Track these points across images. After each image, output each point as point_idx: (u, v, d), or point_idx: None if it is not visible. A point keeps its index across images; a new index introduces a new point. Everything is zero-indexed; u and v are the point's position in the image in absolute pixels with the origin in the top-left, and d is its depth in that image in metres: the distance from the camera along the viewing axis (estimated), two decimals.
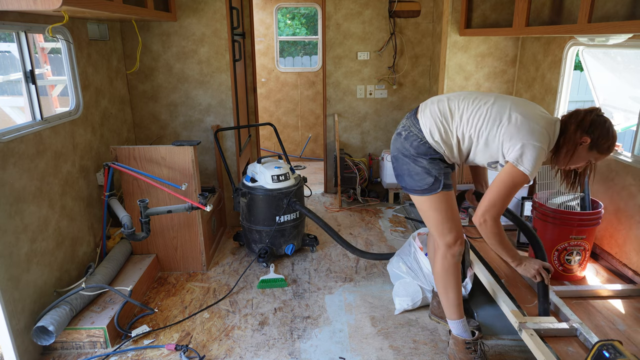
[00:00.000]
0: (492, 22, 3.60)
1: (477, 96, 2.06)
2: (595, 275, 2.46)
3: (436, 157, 2.09)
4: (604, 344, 1.63)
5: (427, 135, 2.07)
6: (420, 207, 2.18)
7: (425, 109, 2.12)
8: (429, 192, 2.08)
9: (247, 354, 2.38)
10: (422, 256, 2.58)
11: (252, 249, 3.37)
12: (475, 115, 1.99)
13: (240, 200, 3.32)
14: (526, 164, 1.85)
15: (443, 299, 2.24)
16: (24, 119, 2.99)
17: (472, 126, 2.00)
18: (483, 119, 1.97)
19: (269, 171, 3.20)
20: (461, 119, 2.03)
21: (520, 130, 1.88)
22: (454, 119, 2.04)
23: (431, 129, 2.06)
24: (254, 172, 3.30)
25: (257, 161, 3.33)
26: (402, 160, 2.14)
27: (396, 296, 2.73)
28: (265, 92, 6.20)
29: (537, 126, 1.88)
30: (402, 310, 2.68)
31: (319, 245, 3.58)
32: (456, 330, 2.23)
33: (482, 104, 2.01)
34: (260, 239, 3.28)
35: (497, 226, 1.97)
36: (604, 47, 2.99)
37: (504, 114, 1.94)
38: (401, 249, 2.83)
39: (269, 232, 3.23)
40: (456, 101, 2.07)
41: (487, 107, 1.99)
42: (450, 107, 2.06)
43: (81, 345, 2.38)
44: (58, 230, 2.53)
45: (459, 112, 2.04)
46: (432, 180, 2.07)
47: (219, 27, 3.46)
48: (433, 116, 2.07)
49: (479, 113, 1.99)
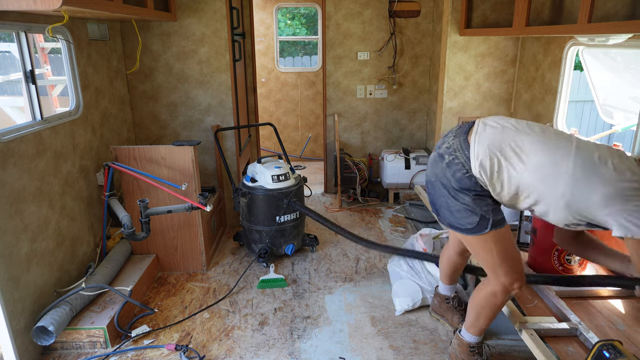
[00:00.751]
0: (492, 22, 3.60)
1: (553, 134, 1.65)
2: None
3: (483, 194, 1.72)
4: (604, 344, 1.63)
5: (474, 166, 1.69)
6: (469, 247, 1.90)
7: (480, 132, 1.71)
8: (474, 232, 1.76)
9: (247, 354, 2.38)
10: None
11: (252, 249, 3.38)
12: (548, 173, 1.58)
13: (240, 200, 3.33)
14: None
15: (471, 320, 2.04)
16: (24, 119, 2.99)
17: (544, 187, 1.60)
18: (564, 179, 1.55)
19: (269, 171, 3.20)
20: (527, 169, 1.60)
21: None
22: (515, 165, 1.63)
23: (483, 161, 1.66)
24: (254, 172, 3.30)
25: (257, 161, 3.33)
26: (440, 190, 1.80)
27: (396, 297, 2.73)
28: (265, 92, 6.20)
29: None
30: (402, 311, 2.68)
31: (319, 245, 3.58)
32: (469, 337, 2.12)
33: (558, 156, 1.58)
34: (260, 239, 3.28)
35: None
36: (604, 47, 2.99)
37: (613, 181, 1.51)
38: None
39: (269, 232, 3.23)
40: (527, 140, 1.63)
41: (567, 162, 1.57)
42: (518, 145, 1.63)
43: (81, 345, 2.38)
44: (58, 230, 2.53)
45: (527, 157, 1.61)
46: (478, 219, 1.73)
47: (219, 27, 3.46)
48: (490, 146, 1.66)
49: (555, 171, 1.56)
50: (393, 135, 4.68)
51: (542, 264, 2.44)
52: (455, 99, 3.88)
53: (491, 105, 3.90)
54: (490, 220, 1.73)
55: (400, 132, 4.66)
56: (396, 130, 4.66)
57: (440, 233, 2.75)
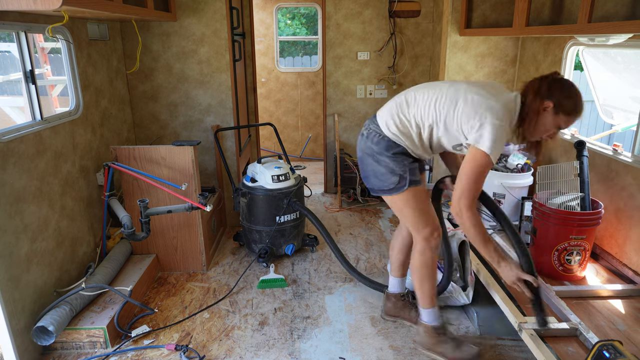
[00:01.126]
0: (492, 22, 3.60)
1: (434, 84, 2.07)
2: (595, 275, 2.46)
3: (399, 151, 2.08)
4: (604, 344, 1.63)
5: (384, 128, 2.09)
6: (393, 207, 2.22)
7: (383, 107, 2.19)
8: (396, 191, 2.10)
9: (247, 354, 2.38)
10: None
11: (252, 249, 3.38)
12: (431, 101, 1.99)
13: (240, 200, 3.32)
14: (486, 143, 1.81)
15: (419, 291, 2.27)
16: (24, 119, 2.99)
17: (430, 112, 2.00)
18: (440, 103, 1.97)
19: (269, 171, 3.20)
20: (417, 107, 2.03)
21: (477, 110, 1.85)
22: (410, 108, 2.06)
23: (387, 121, 2.09)
24: (254, 172, 3.30)
25: (257, 161, 3.33)
26: (366, 160, 2.16)
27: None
28: (265, 92, 6.20)
29: (495, 104, 1.85)
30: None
31: (319, 245, 3.58)
32: (428, 317, 2.27)
33: (437, 89, 2.01)
34: (260, 239, 3.28)
35: (473, 216, 1.89)
36: (604, 47, 2.99)
37: (459, 96, 1.92)
38: None
39: (269, 232, 3.24)
40: (412, 92, 2.09)
41: (442, 92, 1.98)
42: (406, 99, 2.08)
43: (81, 346, 2.38)
44: (58, 230, 2.53)
45: (415, 101, 2.05)
46: (397, 179, 2.08)
47: (219, 27, 3.46)
48: (389, 109, 2.12)
49: (435, 98, 1.99)
50: None
51: (542, 264, 2.44)
52: None
53: None
54: (407, 179, 2.08)
55: None
56: None
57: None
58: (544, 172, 2.56)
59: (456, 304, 2.64)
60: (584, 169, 2.46)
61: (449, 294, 2.59)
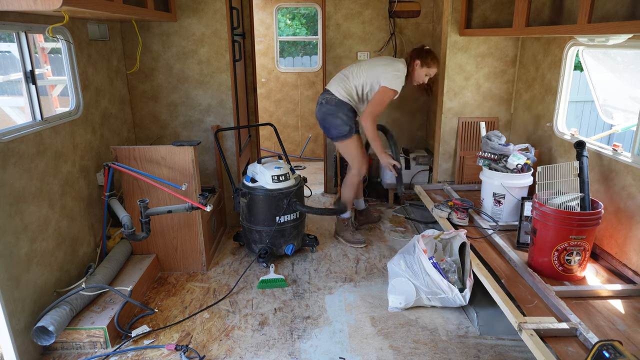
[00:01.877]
0: (492, 22, 3.61)
1: (358, 64, 3.33)
2: (595, 276, 2.47)
3: (348, 108, 3.29)
4: (604, 344, 1.63)
5: (337, 94, 3.27)
6: (342, 148, 3.43)
7: (331, 83, 3.35)
8: (347, 136, 3.30)
9: (247, 354, 2.38)
10: (424, 259, 2.59)
11: (252, 249, 3.38)
12: (361, 72, 3.25)
13: (240, 201, 3.32)
14: (394, 83, 3.15)
15: (345, 196, 3.56)
16: (24, 119, 2.99)
17: (362, 78, 3.24)
18: (366, 71, 3.24)
19: (269, 171, 3.20)
20: (354, 77, 3.27)
21: (386, 70, 3.18)
22: (349, 79, 3.28)
23: (339, 90, 3.27)
24: (254, 172, 3.30)
25: (257, 161, 3.33)
26: (328, 119, 3.30)
27: (390, 294, 2.74)
28: (265, 92, 6.20)
29: (395, 64, 3.23)
30: (394, 308, 2.70)
31: (319, 245, 3.58)
32: (345, 214, 3.60)
33: (362, 65, 3.29)
34: (261, 239, 3.28)
35: (371, 124, 3.22)
36: (604, 47, 2.99)
37: (377, 64, 3.26)
38: (405, 247, 2.84)
39: (269, 233, 3.24)
40: (347, 70, 3.33)
41: (366, 65, 3.29)
42: (345, 74, 3.32)
43: (81, 346, 2.38)
44: (58, 230, 2.53)
45: (351, 74, 3.28)
46: (348, 128, 3.28)
47: (219, 27, 3.46)
48: (337, 83, 3.31)
49: (363, 69, 3.26)
50: None
51: (542, 264, 2.45)
52: (455, 99, 3.88)
53: (491, 105, 3.90)
54: (353, 129, 3.32)
55: (400, 132, 4.65)
56: (396, 131, 4.66)
57: (440, 233, 2.76)
58: (543, 172, 2.56)
59: (452, 305, 2.64)
60: (583, 169, 2.46)
61: (444, 294, 2.60)
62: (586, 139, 2.79)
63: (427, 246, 2.69)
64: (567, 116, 3.23)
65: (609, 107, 3.83)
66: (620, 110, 3.74)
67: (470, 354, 2.34)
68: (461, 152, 3.96)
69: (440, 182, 4.08)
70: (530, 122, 3.57)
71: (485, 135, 3.33)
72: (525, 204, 2.71)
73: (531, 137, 3.55)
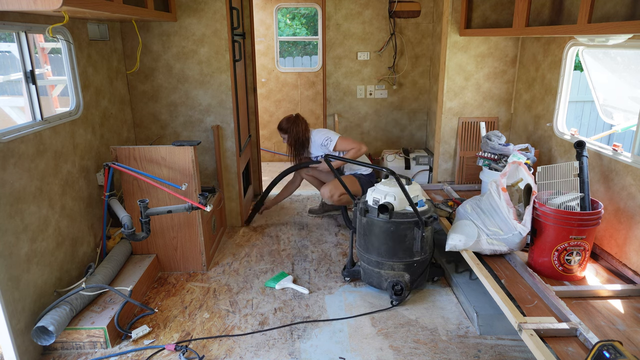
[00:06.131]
0: (492, 22, 3.61)
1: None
2: (595, 276, 2.47)
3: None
4: (604, 345, 1.63)
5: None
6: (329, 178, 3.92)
7: None
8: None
9: (247, 354, 2.38)
10: (501, 195, 2.53)
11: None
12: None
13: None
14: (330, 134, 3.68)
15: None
16: (24, 119, 2.99)
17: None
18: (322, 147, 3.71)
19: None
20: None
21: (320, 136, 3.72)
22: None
23: None
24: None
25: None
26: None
27: (451, 233, 2.73)
28: (265, 92, 6.20)
29: (319, 133, 3.76)
30: (451, 247, 2.69)
31: (318, 245, 3.58)
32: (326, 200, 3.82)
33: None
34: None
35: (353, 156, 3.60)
36: (604, 47, 2.99)
37: (316, 139, 3.75)
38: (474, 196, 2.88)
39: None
40: None
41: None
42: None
43: (81, 346, 2.38)
44: (58, 230, 2.53)
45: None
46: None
47: (219, 27, 3.46)
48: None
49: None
50: (393, 136, 4.68)
51: (542, 264, 2.44)
52: (455, 99, 3.89)
53: (491, 106, 3.91)
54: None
55: (400, 132, 4.66)
56: (396, 131, 4.67)
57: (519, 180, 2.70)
58: (544, 172, 2.56)
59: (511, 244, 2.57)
60: (583, 169, 2.46)
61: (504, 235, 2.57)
62: (586, 139, 2.79)
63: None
64: (567, 116, 3.23)
65: (609, 107, 3.83)
66: (620, 110, 3.74)
67: (470, 354, 2.34)
68: (461, 152, 3.96)
69: (440, 182, 4.09)
70: (530, 122, 3.57)
71: (485, 135, 3.33)
72: None
73: (531, 137, 3.55)
